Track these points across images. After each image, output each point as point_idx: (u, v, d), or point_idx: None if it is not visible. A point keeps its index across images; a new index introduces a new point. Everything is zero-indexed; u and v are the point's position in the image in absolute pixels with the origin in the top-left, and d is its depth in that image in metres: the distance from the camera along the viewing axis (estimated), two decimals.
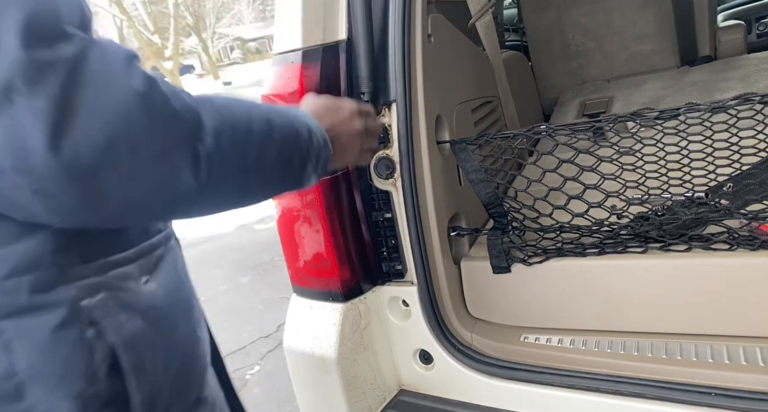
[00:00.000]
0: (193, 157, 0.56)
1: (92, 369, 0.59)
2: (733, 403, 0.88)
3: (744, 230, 0.99)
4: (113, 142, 0.50)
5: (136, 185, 0.53)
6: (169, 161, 0.54)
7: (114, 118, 0.50)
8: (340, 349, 1.10)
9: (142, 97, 0.51)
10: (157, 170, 0.53)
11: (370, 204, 1.13)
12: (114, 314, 0.61)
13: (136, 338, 0.63)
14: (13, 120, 0.46)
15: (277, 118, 0.70)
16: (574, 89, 2.54)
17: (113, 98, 0.50)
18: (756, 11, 3.00)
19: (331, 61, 1.05)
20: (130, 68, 0.52)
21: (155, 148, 0.52)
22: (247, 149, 0.63)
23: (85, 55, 0.50)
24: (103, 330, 0.59)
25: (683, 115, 0.99)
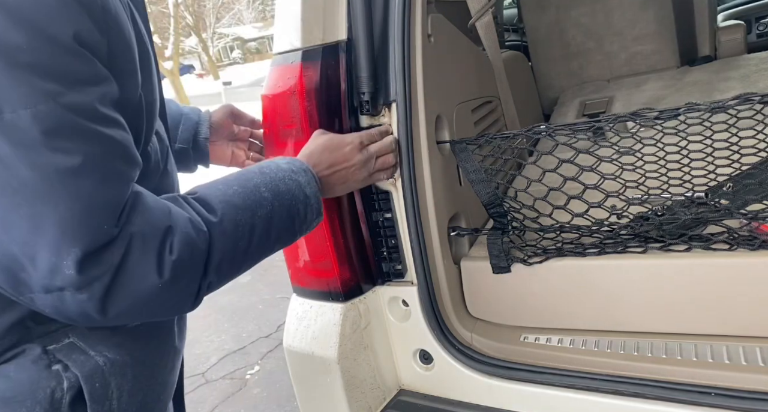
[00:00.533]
0: (197, 292, 0.68)
1: (55, 397, 0.65)
2: (733, 403, 0.88)
3: (744, 230, 0.99)
4: (141, 312, 0.64)
5: (144, 317, 0.68)
6: (174, 303, 0.67)
7: (144, 300, 0.62)
8: (340, 349, 1.10)
9: (166, 285, 0.63)
10: (168, 310, 0.69)
11: (370, 204, 1.13)
12: (80, 352, 0.68)
13: (102, 371, 0.68)
14: (61, 299, 0.58)
15: (277, 213, 0.77)
16: (574, 89, 2.54)
17: (144, 291, 0.62)
18: (756, 11, 3.00)
19: (331, 61, 1.05)
20: (160, 258, 0.62)
21: (168, 300, 0.66)
22: (245, 260, 0.74)
23: (126, 258, 0.60)
24: (69, 366, 0.67)
25: (683, 115, 0.98)
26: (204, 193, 0.73)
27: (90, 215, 0.57)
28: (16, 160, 0.54)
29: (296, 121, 1.04)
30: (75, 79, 0.57)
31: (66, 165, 0.55)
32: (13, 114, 0.53)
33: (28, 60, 0.54)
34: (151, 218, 0.63)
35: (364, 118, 1.10)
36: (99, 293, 0.59)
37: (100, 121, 0.59)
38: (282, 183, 0.79)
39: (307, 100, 1.02)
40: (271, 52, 1.12)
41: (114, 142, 0.60)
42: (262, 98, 1.09)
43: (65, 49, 0.56)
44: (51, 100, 0.55)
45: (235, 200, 0.73)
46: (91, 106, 0.58)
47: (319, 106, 1.03)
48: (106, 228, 0.58)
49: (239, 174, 0.79)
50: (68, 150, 0.56)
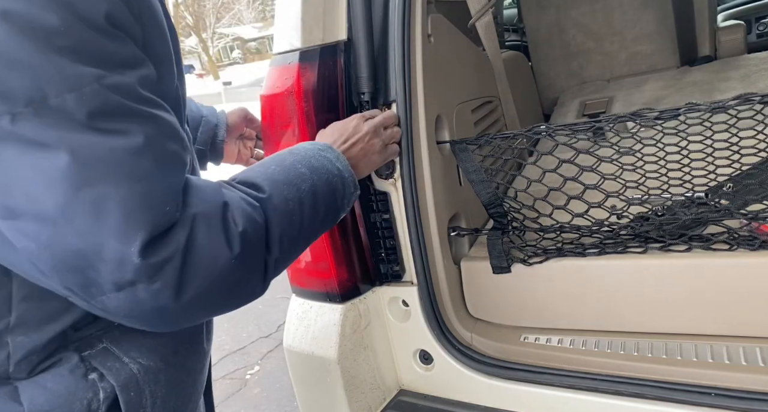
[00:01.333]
0: (264, 269, 0.67)
1: (91, 409, 0.65)
2: (733, 403, 0.88)
3: (744, 230, 0.99)
4: (216, 295, 0.62)
5: (219, 302, 0.65)
6: (247, 282, 0.65)
7: (218, 278, 0.61)
8: (340, 349, 1.10)
9: (238, 258, 0.62)
10: (241, 290, 0.66)
11: (368, 205, 1.13)
12: (114, 358, 0.67)
13: (136, 379, 0.68)
14: (134, 295, 0.56)
15: (319, 186, 0.78)
16: (574, 89, 2.54)
17: (218, 267, 0.60)
18: (756, 11, 3.00)
19: (329, 61, 1.05)
20: (228, 232, 0.61)
21: (241, 279, 0.64)
22: (301, 236, 0.75)
23: (192, 237, 0.58)
24: (104, 374, 0.66)
25: (683, 115, 0.99)
26: (244, 177, 0.72)
27: (152, 197, 0.56)
28: (69, 145, 0.52)
29: (293, 122, 1.04)
30: (114, 60, 0.56)
31: (120, 145, 0.54)
32: (59, 98, 0.52)
33: (66, 43, 0.53)
34: (206, 195, 0.62)
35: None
36: (172, 279, 0.57)
37: (146, 103, 0.58)
38: (314, 160, 0.80)
39: (305, 100, 1.02)
40: (271, 52, 1.12)
41: (164, 123, 0.59)
42: (260, 98, 1.09)
43: (100, 30, 0.55)
44: (95, 82, 0.53)
45: (278, 177, 0.73)
46: (134, 87, 0.57)
47: (316, 106, 1.03)
48: (168, 210, 0.57)
49: (270, 157, 0.79)
50: (120, 130, 0.54)
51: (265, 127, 1.09)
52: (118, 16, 0.56)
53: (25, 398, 0.63)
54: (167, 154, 0.58)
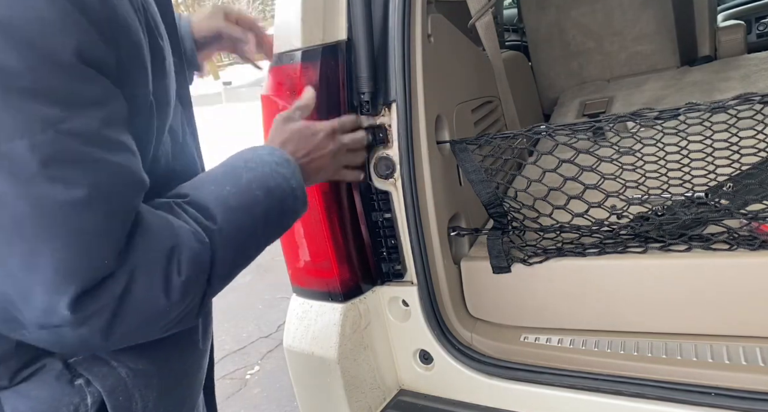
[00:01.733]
0: (200, 304, 0.65)
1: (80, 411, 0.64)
2: (733, 403, 0.88)
3: (744, 230, 0.99)
4: (145, 334, 0.62)
5: (150, 336, 0.64)
6: (180, 320, 0.63)
7: (151, 321, 0.60)
8: (340, 349, 1.10)
9: (175, 305, 0.60)
10: (173, 328, 0.64)
11: (370, 204, 1.13)
12: (102, 363, 0.66)
13: (125, 383, 0.66)
14: (58, 334, 0.55)
15: (272, 210, 0.74)
16: (574, 89, 2.54)
17: (151, 314, 0.59)
18: (756, 11, 3.00)
19: (331, 61, 1.05)
20: (168, 283, 0.59)
21: (176, 318, 0.63)
22: (243, 262, 0.72)
23: (128, 290, 0.56)
24: (90, 380, 0.64)
25: (683, 115, 0.99)
26: (197, 197, 0.68)
27: (89, 252, 0.53)
28: (12, 194, 0.50)
29: None
30: (78, 101, 0.52)
31: (66, 198, 0.51)
32: (9, 144, 0.49)
33: (25, 84, 0.49)
34: (153, 242, 0.59)
35: (363, 119, 1.10)
36: (100, 326, 0.55)
37: (105, 147, 0.54)
38: (270, 179, 0.75)
39: None
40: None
41: (119, 169, 0.56)
42: (261, 98, 1.09)
43: (67, 68, 0.51)
44: (50, 128, 0.50)
45: (231, 202, 0.69)
46: (95, 130, 0.53)
47: (318, 106, 1.03)
48: (106, 263, 0.54)
49: (226, 169, 0.75)
50: (69, 181, 0.51)
51: (266, 128, 1.09)
52: (90, 51, 0.53)
53: (8, 408, 0.62)
54: (114, 205, 0.55)
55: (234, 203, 0.69)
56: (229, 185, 0.71)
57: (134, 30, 0.60)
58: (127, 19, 0.58)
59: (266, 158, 0.78)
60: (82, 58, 0.52)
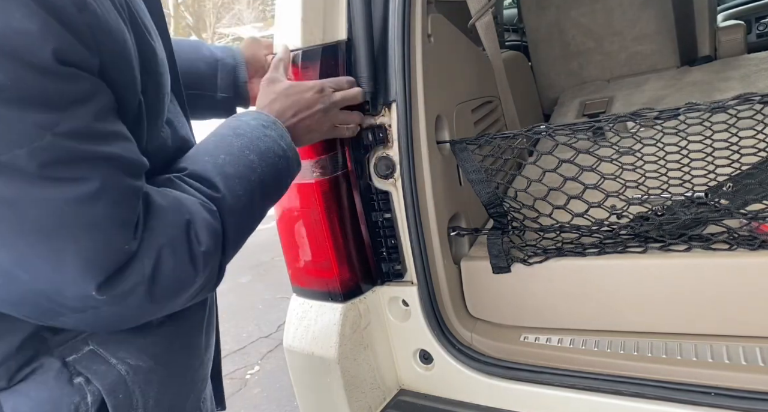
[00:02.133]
0: (218, 271, 0.68)
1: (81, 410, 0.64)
2: (733, 403, 0.88)
3: (744, 230, 0.99)
4: (179, 300, 0.65)
5: (181, 305, 0.67)
6: (204, 286, 0.67)
7: (182, 292, 0.64)
8: (340, 349, 1.10)
9: (201, 274, 0.64)
10: (198, 296, 0.68)
11: (370, 204, 1.13)
12: (101, 361, 0.66)
13: (124, 380, 0.67)
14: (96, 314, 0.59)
15: (267, 173, 0.76)
16: (574, 89, 2.54)
17: (183, 287, 0.63)
18: (756, 11, 3.00)
19: (331, 61, 1.05)
20: (192, 254, 0.63)
21: (201, 286, 0.66)
22: (249, 228, 0.74)
23: (159, 266, 0.59)
24: (90, 378, 0.65)
25: (683, 115, 0.99)
26: (196, 169, 0.70)
27: (107, 239, 0.56)
28: (22, 201, 0.52)
29: None
30: (66, 102, 0.54)
31: (74, 194, 0.53)
32: (9, 154, 0.50)
33: (13, 95, 0.50)
34: (169, 218, 0.62)
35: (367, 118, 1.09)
36: (136, 303, 0.59)
37: (101, 140, 0.56)
38: (261, 142, 0.76)
39: None
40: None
41: (118, 158, 0.58)
42: None
43: (50, 72, 0.52)
44: (47, 133, 0.52)
45: (228, 170, 0.71)
46: (89, 126, 0.55)
47: None
48: (126, 247, 0.57)
49: (216, 139, 0.76)
50: (73, 179, 0.54)
51: None
52: (69, 54, 0.53)
53: (7, 408, 0.62)
54: (121, 192, 0.57)
55: (231, 171, 0.71)
56: (223, 154, 0.73)
57: (118, 32, 0.60)
58: (108, 22, 0.59)
59: (252, 123, 0.79)
60: (63, 61, 0.53)
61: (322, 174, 1.06)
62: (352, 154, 1.09)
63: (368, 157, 1.10)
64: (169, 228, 0.61)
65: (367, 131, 1.09)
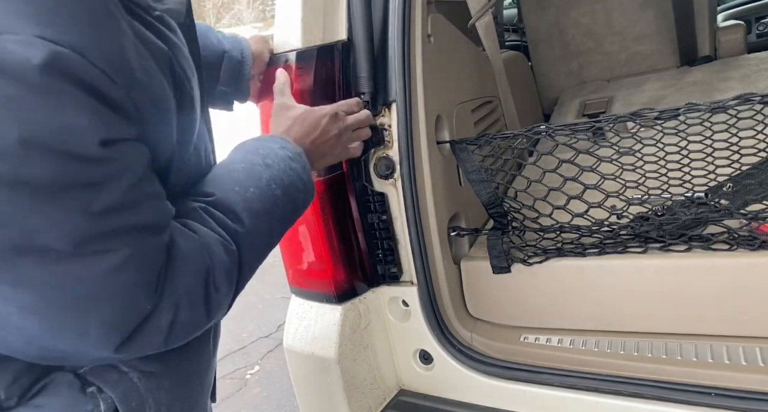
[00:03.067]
0: (229, 306, 0.69)
1: None
2: (733, 403, 0.88)
3: (744, 230, 0.99)
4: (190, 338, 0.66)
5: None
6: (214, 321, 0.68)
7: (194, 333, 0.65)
8: (340, 349, 1.10)
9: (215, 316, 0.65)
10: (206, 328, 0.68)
11: (366, 206, 1.13)
12: (113, 369, 0.67)
13: (137, 388, 0.67)
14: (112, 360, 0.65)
15: (288, 210, 0.77)
16: (574, 89, 2.54)
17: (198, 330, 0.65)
18: (756, 11, 2.99)
19: (327, 61, 1.05)
20: (209, 303, 0.63)
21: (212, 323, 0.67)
22: (260, 263, 0.74)
23: (176, 319, 0.60)
24: (102, 387, 0.66)
25: (683, 115, 0.98)
26: (223, 199, 0.70)
27: (129, 305, 0.57)
28: (54, 278, 0.53)
29: None
30: (104, 180, 0.54)
31: (103, 267, 0.54)
32: (45, 237, 0.52)
33: (56, 188, 0.51)
34: (190, 266, 0.62)
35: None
36: (154, 348, 0.61)
37: (132, 210, 0.56)
38: (286, 175, 0.77)
39: (301, 100, 1.01)
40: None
41: (146, 226, 0.58)
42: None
43: (94, 160, 0.53)
44: (82, 216, 0.53)
45: (255, 206, 0.71)
46: (121, 200, 0.55)
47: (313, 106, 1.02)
48: (147, 307, 0.58)
49: (245, 166, 0.75)
50: (104, 251, 0.54)
51: (263, 127, 1.09)
52: (114, 135, 0.54)
53: None
54: (148, 256, 0.58)
55: (257, 207, 0.72)
56: (252, 186, 0.73)
57: (161, 94, 0.62)
58: (153, 87, 0.60)
59: (280, 153, 0.79)
60: (107, 146, 0.54)
61: (317, 175, 1.06)
62: None
63: (368, 157, 1.10)
64: (190, 277, 0.62)
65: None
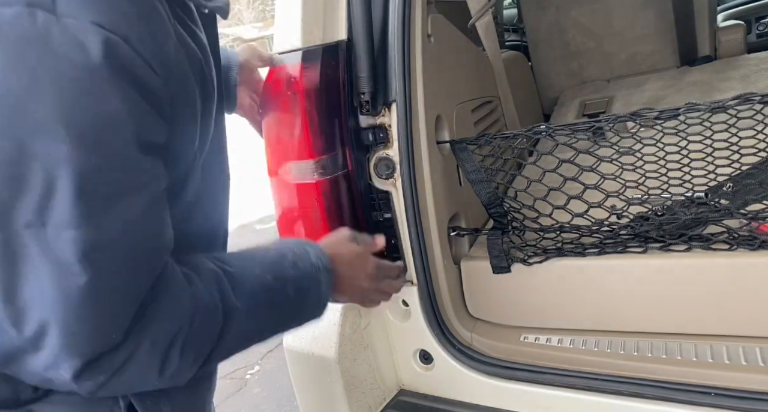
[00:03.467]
0: (196, 370, 0.66)
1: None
2: (733, 403, 0.88)
3: (744, 230, 0.99)
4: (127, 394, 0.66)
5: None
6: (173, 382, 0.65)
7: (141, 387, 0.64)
8: (340, 349, 1.10)
9: (166, 379, 0.62)
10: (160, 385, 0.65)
11: (370, 205, 1.13)
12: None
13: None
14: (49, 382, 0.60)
15: (292, 313, 0.77)
16: (574, 89, 2.54)
17: (141, 384, 0.62)
18: (756, 11, 2.99)
19: (331, 61, 1.05)
20: (165, 363, 0.61)
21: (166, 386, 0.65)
22: (238, 350, 0.72)
23: (129, 362, 0.58)
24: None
25: (683, 115, 0.98)
26: (239, 275, 0.69)
27: (99, 328, 0.56)
28: (43, 271, 0.54)
29: (296, 121, 1.04)
30: (132, 185, 0.56)
31: (90, 284, 0.54)
32: (55, 230, 0.53)
33: (89, 185, 0.53)
34: (166, 314, 0.61)
35: (363, 118, 1.10)
36: (94, 386, 0.59)
37: (141, 225, 0.58)
38: (306, 281, 0.77)
39: (307, 100, 1.01)
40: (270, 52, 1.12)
41: (146, 243, 0.59)
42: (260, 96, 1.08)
43: (129, 160, 0.55)
44: (96, 220, 0.54)
45: (262, 297, 0.71)
46: (139, 208, 0.57)
47: (318, 106, 1.03)
48: (114, 337, 0.57)
49: (275, 255, 0.76)
50: (96, 270, 0.54)
51: (266, 127, 1.09)
52: (149, 135, 0.57)
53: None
54: (132, 288, 0.58)
55: (264, 298, 0.72)
56: (271, 275, 0.73)
57: (191, 96, 0.63)
58: (186, 85, 0.62)
59: (314, 261, 0.80)
60: (141, 147, 0.56)
61: (322, 174, 1.06)
62: (353, 154, 1.09)
63: (368, 157, 1.10)
64: (158, 331, 0.60)
65: (368, 131, 1.09)
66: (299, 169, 1.05)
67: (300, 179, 1.06)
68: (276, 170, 1.08)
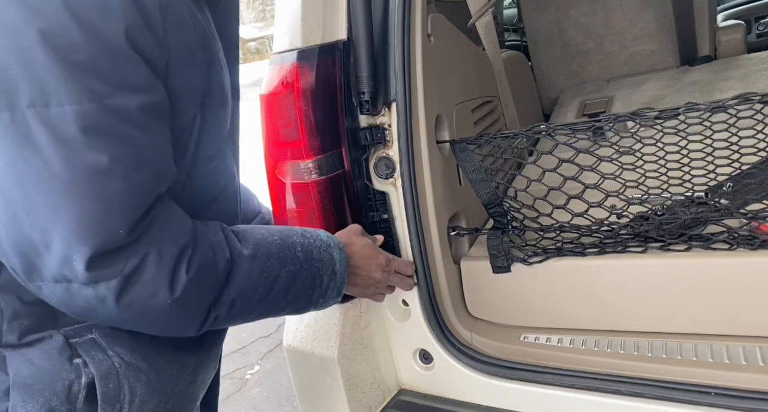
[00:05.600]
0: (202, 321, 0.69)
1: (72, 390, 0.68)
2: (733, 403, 0.88)
3: (744, 230, 0.99)
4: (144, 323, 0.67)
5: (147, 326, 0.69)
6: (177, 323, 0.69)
7: (151, 311, 0.64)
8: (340, 349, 1.10)
9: (176, 302, 0.64)
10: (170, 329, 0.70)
11: (367, 205, 1.13)
12: (100, 349, 0.70)
13: (116, 372, 0.70)
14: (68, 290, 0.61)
15: (304, 274, 0.79)
16: (574, 89, 2.54)
17: (154, 303, 0.64)
18: (756, 11, 3.00)
19: (328, 60, 1.05)
20: (174, 275, 0.64)
21: (174, 319, 0.67)
22: (257, 308, 0.76)
23: (139, 270, 0.62)
24: (87, 362, 0.69)
25: (683, 115, 0.98)
26: (244, 229, 0.75)
27: (106, 216, 0.59)
28: (51, 152, 0.57)
29: (292, 121, 1.04)
30: (123, 82, 0.60)
31: (95, 164, 0.58)
32: (59, 108, 0.56)
33: (83, 58, 0.57)
34: (171, 230, 0.64)
35: (363, 118, 1.09)
36: (106, 293, 0.61)
37: (139, 128, 0.61)
38: (317, 250, 0.81)
39: (303, 99, 1.01)
40: (271, 52, 1.12)
41: (147, 150, 0.62)
42: (259, 98, 1.09)
43: (118, 52, 0.59)
44: (96, 101, 0.58)
45: (271, 248, 0.75)
46: (133, 111, 0.60)
47: (315, 105, 1.03)
48: (121, 232, 0.60)
49: (282, 228, 0.81)
50: (101, 150, 0.58)
51: (264, 128, 1.09)
52: (139, 39, 0.60)
53: (11, 369, 0.67)
54: (136, 180, 0.62)
55: (273, 249, 0.75)
56: (277, 237, 0.77)
57: (192, 49, 0.67)
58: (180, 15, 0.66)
59: (323, 237, 0.85)
60: (132, 44, 0.60)
61: (318, 174, 1.06)
62: (350, 154, 1.09)
63: (368, 157, 1.10)
64: (166, 239, 0.64)
65: (365, 131, 1.09)
66: (295, 169, 1.05)
67: (296, 179, 1.06)
68: (272, 170, 1.08)
